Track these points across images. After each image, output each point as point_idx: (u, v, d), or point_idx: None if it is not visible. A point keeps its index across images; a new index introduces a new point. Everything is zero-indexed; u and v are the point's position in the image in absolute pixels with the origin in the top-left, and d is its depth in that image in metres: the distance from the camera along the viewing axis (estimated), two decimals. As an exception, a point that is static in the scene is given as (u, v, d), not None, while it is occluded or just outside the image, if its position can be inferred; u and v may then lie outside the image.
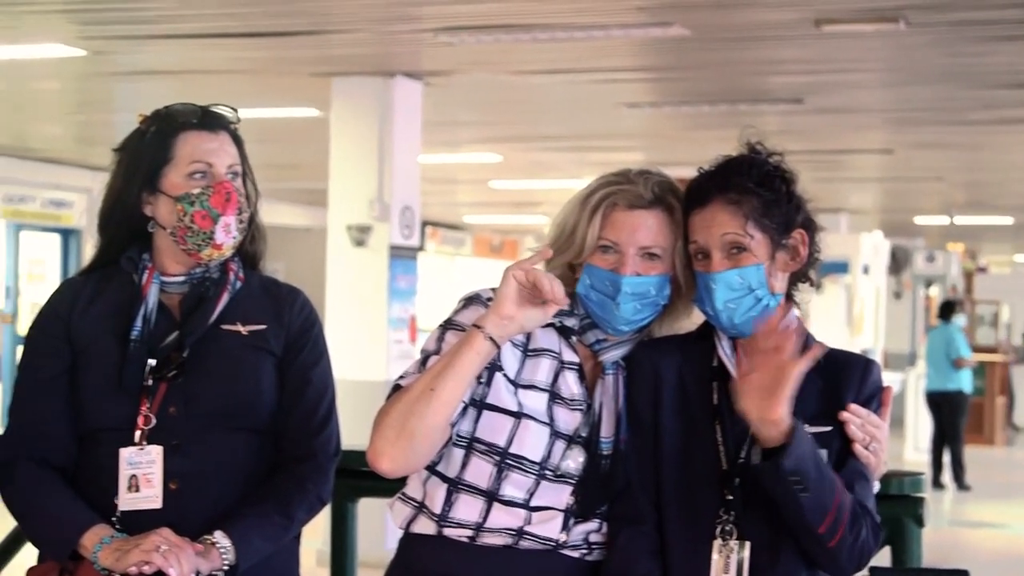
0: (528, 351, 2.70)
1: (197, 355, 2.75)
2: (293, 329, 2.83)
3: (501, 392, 2.65)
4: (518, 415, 2.64)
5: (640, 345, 2.72)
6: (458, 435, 2.65)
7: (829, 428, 2.60)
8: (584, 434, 2.66)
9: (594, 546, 2.68)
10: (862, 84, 10.16)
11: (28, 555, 2.97)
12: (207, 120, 2.83)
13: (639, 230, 2.65)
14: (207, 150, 2.79)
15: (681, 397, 2.67)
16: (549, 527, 2.64)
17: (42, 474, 2.72)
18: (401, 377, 2.67)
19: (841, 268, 17.40)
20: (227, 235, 2.76)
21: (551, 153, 14.56)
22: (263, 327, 2.81)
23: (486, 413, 2.65)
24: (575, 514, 2.64)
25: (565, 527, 2.64)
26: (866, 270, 18.29)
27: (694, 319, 2.77)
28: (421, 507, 2.69)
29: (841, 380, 2.65)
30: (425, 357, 2.68)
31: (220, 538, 2.64)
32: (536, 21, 7.92)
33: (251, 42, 8.63)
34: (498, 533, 2.63)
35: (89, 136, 13.90)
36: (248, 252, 2.89)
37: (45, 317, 2.84)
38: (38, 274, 16.68)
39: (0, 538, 3.57)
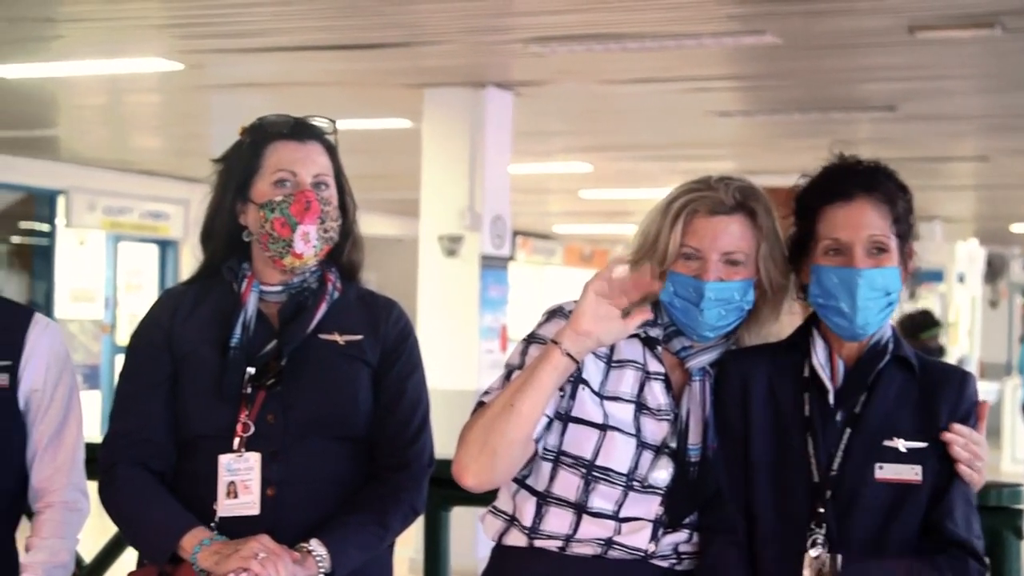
0: (612, 362, 2.71)
1: (295, 364, 2.77)
2: (389, 340, 2.86)
3: (586, 405, 2.66)
4: (603, 427, 2.65)
5: (729, 354, 2.71)
6: (545, 448, 2.67)
7: (924, 445, 2.58)
8: (672, 444, 2.66)
9: (684, 556, 2.68)
10: (957, 91, 10.03)
11: (129, 560, 3.02)
12: (297, 130, 2.86)
13: (721, 236, 2.66)
14: (293, 159, 2.82)
15: (771, 408, 2.65)
16: (638, 537, 2.64)
17: (142, 478, 2.76)
18: (486, 393, 2.70)
19: (936, 277, 17.17)
20: (306, 244, 2.78)
21: (642, 162, 14.52)
22: (359, 337, 2.84)
23: (572, 426, 2.67)
24: (664, 524, 2.65)
25: (654, 537, 2.65)
26: (961, 278, 18.03)
27: (783, 325, 2.76)
28: (512, 520, 2.71)
29: (937, 393, 2.62)
30: (509, 371, 2.70)
31: (316, 546, 2.66)
32: (627, 30, 7.91)
33: (345, 54, 8.70)
34: (588, 543, 2.64)
35: (186, 148, 14.10)
36: (345, 263, 2.92)
37: (147, 325, 2.88)
38: (136, 285, 16.94)
39: (101, 543, 3.63)
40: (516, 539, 2.71)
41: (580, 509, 2.64)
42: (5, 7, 7.50)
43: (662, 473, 2.64)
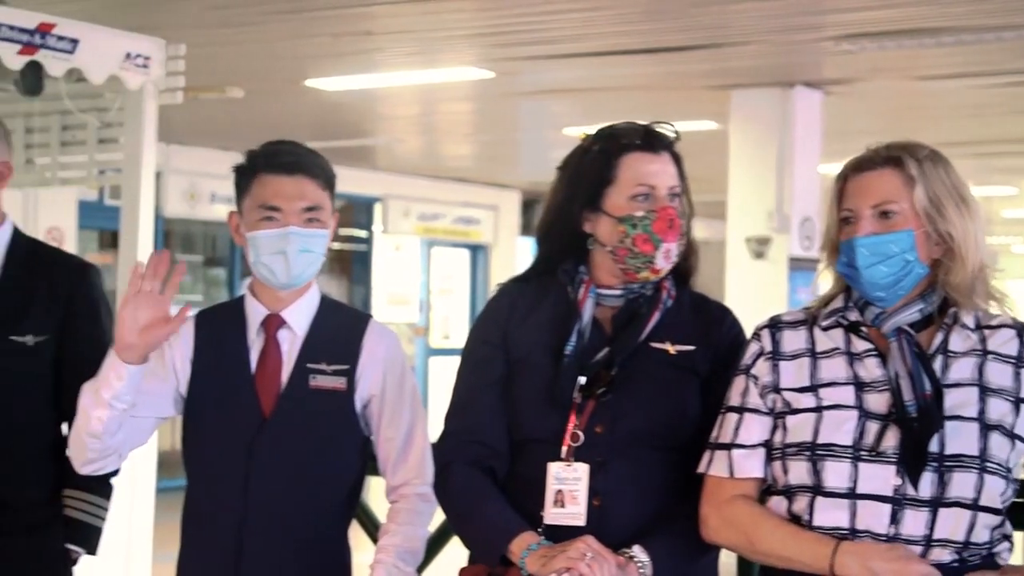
0: (817, 354, 2.67)
1: (625, 372, 2.78)
2: (722, 348, 2.85)
3: (798, 399, 2.63)
4: (818, 409, 2.60)
5: None
6: (771, 451, 2.65)
7: None
8: (893, 410, 2.56)
9: (971, 545, 2.53)
10: None
11: (455, 551, 3.11)
12: (650, 141, 2.85)
13: (868, 190, 2.61)
14: (650, 172, 2.82)
15: None
16: (875, 522, 2.53)
17: (475, 478, 2.82)
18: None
19: None
20: (667, 261, 2.80)
21: (956, 160, 13.73)
22: (691, 348, 2.83)
23: (790, 419, 2.63)
24: (904, 498, 2.52)
25: (894, 520, 2.52)
26: None
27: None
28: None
29: None
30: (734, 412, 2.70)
31: (638, 552, 2.67)
32: (942, 24, 7.68)
33: (650, 58, 8.74)
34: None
35: (495, 155, 14.42)
36: (680, 268, 2.90)
37: (484, 325, 2.95)
38: (448, 289, 17.43)
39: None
40: None
41: (815, 491, 2.58)
42: (328, 23, 7.84)
43: (890, 439, 2.54)
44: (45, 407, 3.35)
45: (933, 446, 2.52)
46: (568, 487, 2.74)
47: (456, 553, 3.03)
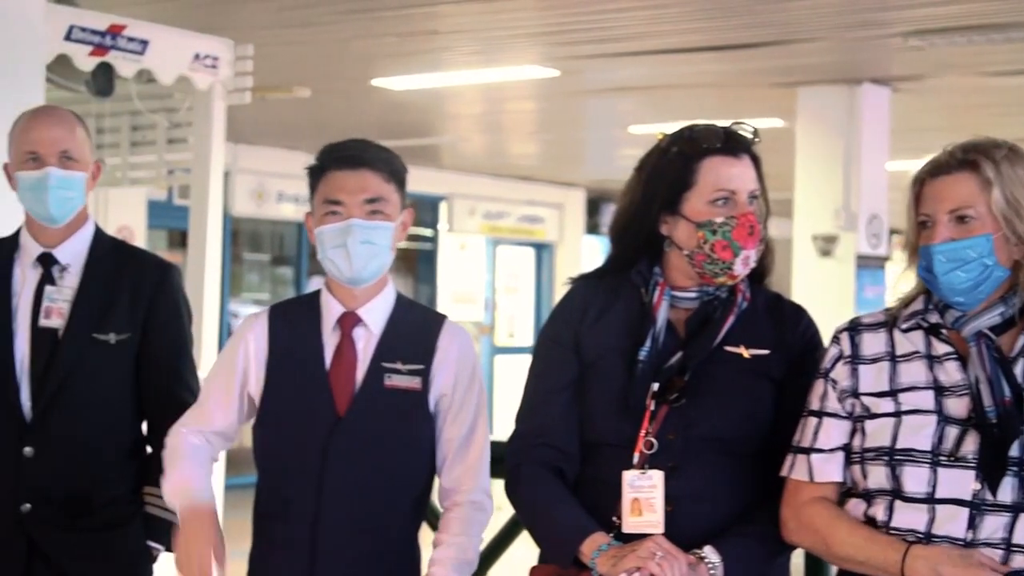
0: (896, 358, 2.65)
1: (698, 378, 2.76)
2: (795, 350, 2.83)
3: (877, 404, 2.62)
4: (897, 414, 2.59)
5: None
6: (851, 454, 2.65)
7: None
8: (972, 415, 2.54)
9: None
10: None
11: (523, 549, 3.10)
12: (730, 144, 2.81)
13: (944, 195, 2.58)
14: (730, 176, 2.78)
15: None
16: (954, 526, 2.52)
17: (546, 480, 2.82)
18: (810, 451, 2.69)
19: None
20: (745, 267, 2.77)
21: (1028, 157, 13.88)
22: (766, 352, 2.81)
23: (868, 423, 2.62)
24: (982, 504, 2.50)
25: (971, 525, 2.51)
26: None
27: None
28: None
29: None
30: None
31: (709, 553, 2.67)
32: (1011, 20, 7.60)
33: (716, 55, 8.71)
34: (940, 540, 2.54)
35: (560, 154, 14.42)
36: (756, 267, 2.85)
37: (556, 325, 2.93)
38: (513, 287, 17.45)
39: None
40: None
41: (893, 496, 2.57)
42: (395, 23, 7.88)
43: (969, 443, 2.52)
44: (126, 405, 3.40)
45: (1013, 451, 2.50)
46: (644, 495, 2.72)
47: (525, 552, 3.03)
